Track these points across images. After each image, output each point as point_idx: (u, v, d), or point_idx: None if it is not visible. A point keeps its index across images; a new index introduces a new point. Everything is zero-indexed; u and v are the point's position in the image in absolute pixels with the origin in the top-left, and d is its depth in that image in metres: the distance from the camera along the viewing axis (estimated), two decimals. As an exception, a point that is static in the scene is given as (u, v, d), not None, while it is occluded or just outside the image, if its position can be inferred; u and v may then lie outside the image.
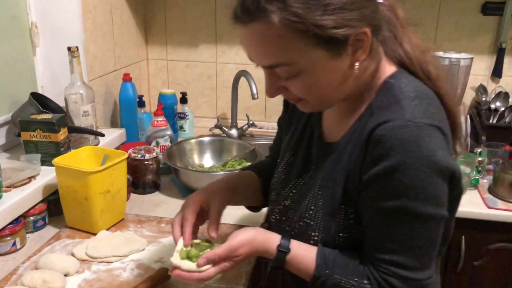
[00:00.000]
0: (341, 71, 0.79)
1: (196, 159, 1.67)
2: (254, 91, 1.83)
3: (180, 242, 0.92)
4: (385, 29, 0.83)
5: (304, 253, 0.86)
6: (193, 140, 1.71)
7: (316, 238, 0.87)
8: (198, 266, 0.85)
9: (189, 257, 0.88)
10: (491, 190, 1.61)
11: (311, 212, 0.88)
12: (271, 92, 0.84)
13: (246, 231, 0.88)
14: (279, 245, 0.86)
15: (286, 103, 1.09)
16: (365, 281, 0.81)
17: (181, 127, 2.04)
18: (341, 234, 0.85)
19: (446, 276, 1.61)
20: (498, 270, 1.57)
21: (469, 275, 1.59)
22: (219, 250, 0.86)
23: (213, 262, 0.86)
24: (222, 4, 2.07)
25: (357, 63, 0.78)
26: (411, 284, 0.79)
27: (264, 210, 1.18)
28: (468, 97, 2.04)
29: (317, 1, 0.71)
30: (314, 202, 0.88)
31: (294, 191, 0.95)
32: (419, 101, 0.79)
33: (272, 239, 0.87)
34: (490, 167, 1.69)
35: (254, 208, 1.15)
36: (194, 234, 0.95)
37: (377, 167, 0.76)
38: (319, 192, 0.88)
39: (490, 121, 1.85)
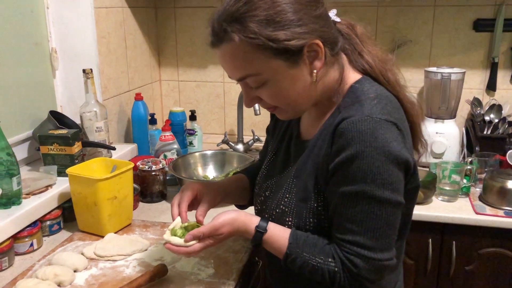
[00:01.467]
0: (302, 79, 0.91)
1: (200, 170, 1.80)
2: (257, 107, 1.94)
3: (175, 221, 1.07)
4: (345, 43, 0.98)
5: (279, 233, 0.97)
6: (197, 153, 1.84)
7: (290, 223, 0.98)
8: (185, 241, 1.00)
9: (178, 235, 1.03)
10: (481, 198, 1.67)
11: (286, 199, 1.00)
12: (247, 102, 0.98)
13: (229, 213, 1.01)
14: (257, 226, 0.98)
15: (272, 114, 1.21)
16: (329, 259, 0.91)
17: (191, 143, 2.17)
18: (311, 219, 0.96)
19: (439, 281, 1.67)
20: (490, 274, 1.62)
21: (462, 280, 1.64)
22: (203, 228, 1.00)
23: (198, 238, 1.00)
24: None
25: (314, 71, 0.91)
26: (371, 263, 0.88)
27: (251, 208, 1.29)
28: (465, 110, 2.12)
29: (269, 20, 0.85)
30: (289, 190, 1.00)
31: (273, 183, 1.08)
32: (377, 101, 0.90)
33: (252, 221, 1.00)
34: (483, 176, 1.75)
35: (242, 206, 1.29)
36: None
37: (340, 156, 0.88)
38: (293, 181, 1.00)
39: (485, 133, 1.92)
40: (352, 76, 0.98)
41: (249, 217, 1.01)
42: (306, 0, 0.88)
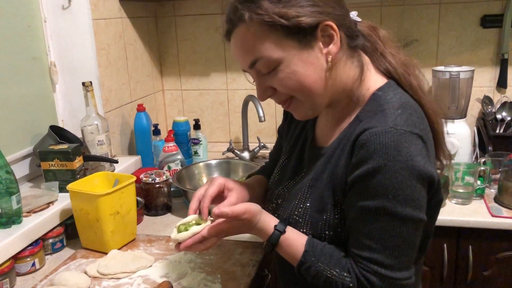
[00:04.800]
0: (316, 64, 0.86)
1: (205, 181, 1.75)
2: (261, 114, 1.91)
3: (189, 218, 1.00)
4: (367, 43, 0.94)
5: (296, 238, 0.93)
6: (201, 164, 1.80)
7: (309, 236, 0.93)
8: (213, 215, 0.93)
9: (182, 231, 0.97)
10: (496, 199, 1.61)
11: (300, 209, 0.95)
12: (260, 93, 0.93)
13: (254, 205, 0.95)
14: (276, 225, 0.94)
15: (285, 113, 1.18)
16: (345, 274, 0.86)
17: (196, 152, 2.13)
18: (326, 232, 0.91)
19: (456, 287, 1.61)
20: (510, 279, 1.55)
21: (480, 286, 1.58)
22: (228, 209, 0.92)
23: (225, 216, 0.93)
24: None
25: (329, 56, 0.86)
26: (388, 282, 0.83)
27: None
28: (476, 109, 2.06)
29: None
30: (303, 200, 0.95)
31: (285, 190, 1.03)
32: (402, 111, 0.85)
33: (272, 220, 0.95)
34: (497, 176, 1.69)
35: None
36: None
37: (360, 169, 0.83)
38: (308, 191, 0.95)
39: (497, 131, 1.86)
40: (374, 79, 0.93)
41: (270, 216, 0.96)
42: None
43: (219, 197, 1.05)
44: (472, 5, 1.96)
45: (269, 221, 0.95)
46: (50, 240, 1.37)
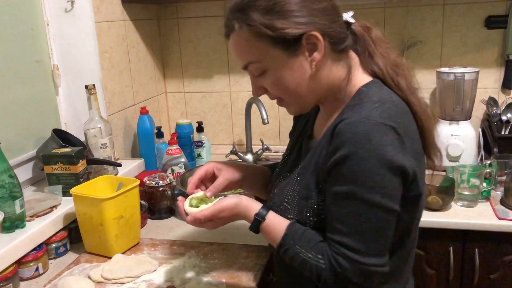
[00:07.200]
0: (301, 70, 0.93)
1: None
2: (264, 116, 1.90)
3: (199, 193, 1.10)
4: (358, 44, 0.99)
5: (277, 223, 0.99)
6: (205, 166, 1.78)
7: (291, 220, 0.99)
8: (187, 221, 1.04)
9: (193, 205, 1.07)
10: (503, 202, 1.60)
11: (289, 197, 1.01)
12: (254, 91, 1.01)
13: (231, 198, 1.03)
14: (256, 214, 1.00)
15: (295, 117, 1.23)
16: (319, 256, 0.91)
17: (199, 155, 2.12)
18: (311, 218, 0.96)
19: (463, 290, 1.60)
20: (516, 282, 1.54)
21: (487, 289, 1.57)
22: (206, 211, 1.02)
23: (200, 221, 1.02)
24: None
25: (313, 63, 0.92)
26: (356, 265, 0.87)
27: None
28: (480, 110, 2.05)
29: (269, 10, 0.89)
30: (292, 189, 1.01)
31: (281, 181, 1.09)
32: (379, 104, 0.90)
33: (252, 207, 1.01)
34: (503, 178, 1.68)
35: (264, 202, 1.24)
36: (204, 187, 1.15)
37: (335, 156, 0.88)
38: (297, 180, 1.01)
39: (502, 133, 1.85)
40: (361, 77, 0.97)
41: (250, 204, 1.02)
42: None
43: (214, 177, 1.15)
44: (476, 6, 1.94)
45: (250, 210, 1.01)
46: (54, 245, 1.36)
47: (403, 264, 1.00)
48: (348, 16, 0.97)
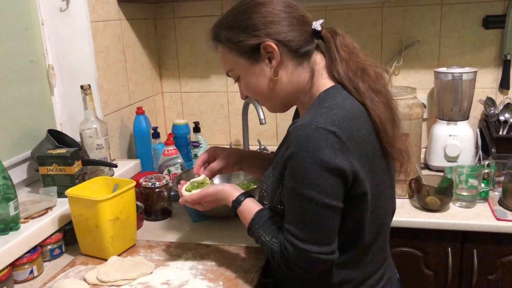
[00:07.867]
0: (264, 75, 1.07)
1: (205, 185, 1.73)
2: (262, 116, 1.88)
3: (200, 178, 1.27)
4: (325, 49, 1.08)
5: (250, 209, 1.13)
6: (202, 167, 1.77)
7: (266, 206, 1.14)
8: (179, 202, 1.25)
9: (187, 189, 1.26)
10: (501, 202, 1.59)
11: (266, 185, 1.15)
12: (240, 93, 1.17)
13: (216, 186, 1.21)
14: (233, 200, 1.16)
15: (294, 116, 1.34)
16: (274, 240, 1.05)
17: (196, 156, 2.10)
18: (278, 206, 1.09)
19: (461, 291, 1.59)
20: (515, 283, 1.54)
21: (486, 290, 1.56)
22: (194, 195, 1.20)
23: (188, 203, 1.22)
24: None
25: (272, 68, 1.05)
26: (298, 251, 0.98)
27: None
28: (478, 110, 2.04)
29: (232, 26, 1.06)
30: (268, 179, 1.14)
31: (268, 170, 1.19)
32: (327, 110, 0.98)
33: (232, 195, 1.17)
34: (501, 179, 1.67)
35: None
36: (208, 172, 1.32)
37: (286, 154, 0.99)
38: (272, 172, 1.14)
39: (500, 133, 1.84)
40: (323, 82, 1.06)
41: (231, 191, 1.18)
42: (271, 9, 1.03)
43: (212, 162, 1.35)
44: (474, 6, 1.94)
45: (230, 197, 1.17)
46: (49, 247, 1.34)
47: (363, 255, 1.08)
48: (317, 24, 1.06)
